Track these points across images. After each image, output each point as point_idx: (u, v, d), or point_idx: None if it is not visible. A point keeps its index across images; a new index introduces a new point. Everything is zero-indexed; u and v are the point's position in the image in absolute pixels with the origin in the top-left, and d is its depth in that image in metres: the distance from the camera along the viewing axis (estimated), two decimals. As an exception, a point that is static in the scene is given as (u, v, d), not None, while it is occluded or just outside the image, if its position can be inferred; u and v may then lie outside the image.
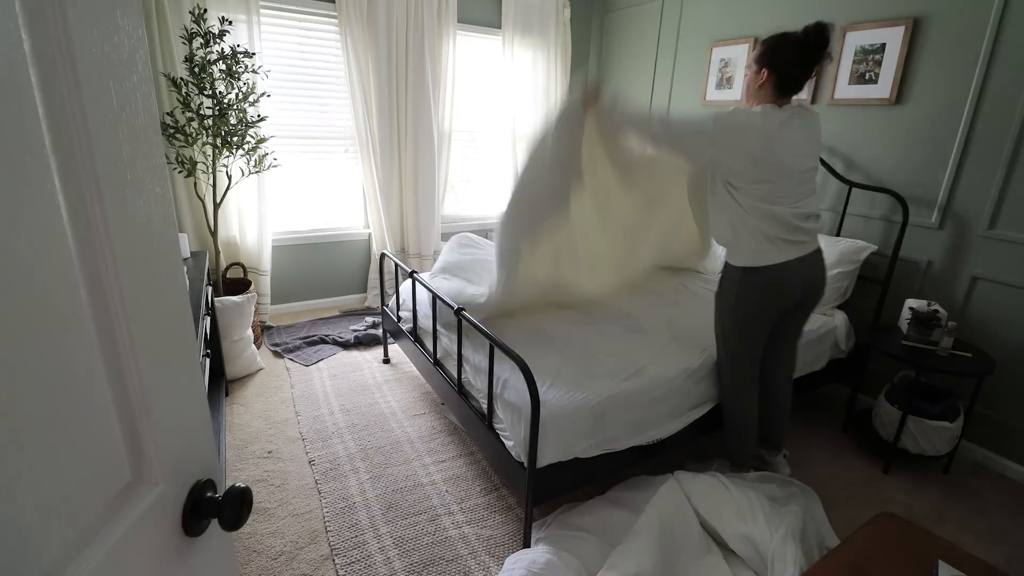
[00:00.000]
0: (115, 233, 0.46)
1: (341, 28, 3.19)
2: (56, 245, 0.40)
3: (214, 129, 2.66)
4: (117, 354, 0.48)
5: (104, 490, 0.46)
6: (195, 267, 2.33)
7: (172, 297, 0.55)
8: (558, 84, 4.11)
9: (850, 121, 2.65)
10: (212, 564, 0.65)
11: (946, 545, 1.31)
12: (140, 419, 0.50)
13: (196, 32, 2.56)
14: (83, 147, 0.43)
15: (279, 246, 3.50)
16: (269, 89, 3.09)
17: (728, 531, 1.69)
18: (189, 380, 0.59)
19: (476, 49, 3.89)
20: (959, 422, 2.16)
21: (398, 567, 1.67)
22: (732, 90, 3.21)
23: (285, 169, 3.35)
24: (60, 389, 0.41)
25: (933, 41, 2.31)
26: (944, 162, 2.33)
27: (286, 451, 2.21)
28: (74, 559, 0.42)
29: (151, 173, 0.52)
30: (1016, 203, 2.13)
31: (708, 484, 1.83)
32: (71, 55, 0.41)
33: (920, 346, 2.19)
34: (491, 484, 2.05)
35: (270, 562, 1.67)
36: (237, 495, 0.59)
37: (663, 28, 3.66)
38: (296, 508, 1.90)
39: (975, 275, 2.28)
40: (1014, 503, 2.10)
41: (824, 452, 2.36)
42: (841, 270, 2.48)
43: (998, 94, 2.14)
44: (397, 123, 3.52)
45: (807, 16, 2.78)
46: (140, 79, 0.50)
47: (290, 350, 3.10)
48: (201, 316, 2.01)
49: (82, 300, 0.43)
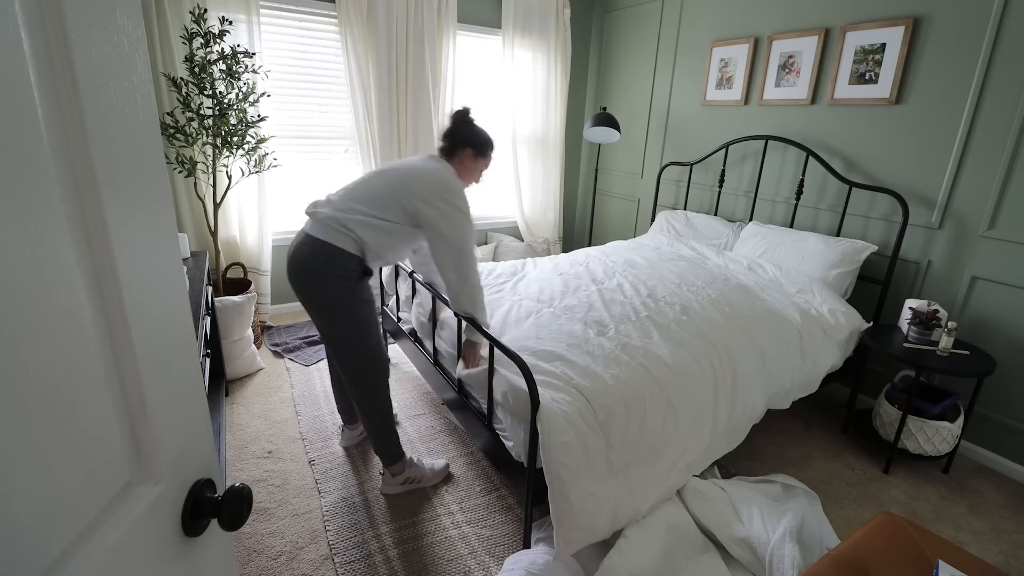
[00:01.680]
0: (114, 233, 0.46)
1: (341, 28, 3.19)
2: (55, 245, 0.40)
3: (214, 129, 2.66)
4: (116, 354, 0.48)
5: (103, 490, 0.46)
6: (195, 267, 2.33)
7: (172, 297, 0.55)
8: (558, 84, 4.12)
9: (850, 121, 2.65)
10: (212, 564, 0.64)
11: (946, 545, 1.31)
12: (139, 419, 0.50)
13: (196, 32, 2.56)
14: (82, 147, 0.43)
15: (279, 246, 3.50)
16: (269, 89, 3.09)
17: (724, 534, 1.69)
18: (189, 380, 0.59)
19: (476, 49, 3.89)
20: (959, 422, 2.16)
21: (398, 567, 1.67)
22: (732, 90, 3.21)
23: (285, 169, 3.35)
24: (59, 389, 0.41)
25: (933, 41, 2.31)
26: (944, 162, 2.33)
27: (286, 451, 2.21)
28: (73, 559, 0.42)
29: (151, 173, 0.52)
30: (1016, 203, 2.13)
31: (704, 487, 1.83)
32: (70, 55, 0.41)
33: (920, 346, 2.19)
34: (491, 484, 2.05)
35: (270, 562, 1.67)
36: (237, 495, 0.59)
37: (663, 28, 3.66)
38: (296, 508, 1.90)
39: (975, 275, 2.28)
40: (1014, 503, 2.10)
41: (824, 452, 2.36)
42: (841, 270, 2.48)
43: (998, 94, 2.14)
44: (397, 123, 3.52)
45: (807, 16, 2.78)
46: (140, 79, 0.50)
47: (290, 350, 3.10)
48: (201, 316, 2.01)
49: (82, 300, 0.43)
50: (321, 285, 1.70)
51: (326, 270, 1.68)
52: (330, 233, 1.69)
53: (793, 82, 2.86)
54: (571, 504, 1.47)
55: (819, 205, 2.82)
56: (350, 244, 1.70)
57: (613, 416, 1.60)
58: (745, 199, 3.23)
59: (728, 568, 1.62)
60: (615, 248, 3.20)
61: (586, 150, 4.61)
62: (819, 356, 2.24)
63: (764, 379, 2.05)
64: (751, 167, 3.17)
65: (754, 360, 2.03)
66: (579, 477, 1.49)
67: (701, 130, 3.48)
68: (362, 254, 1.74)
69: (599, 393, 1.64)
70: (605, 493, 1.55)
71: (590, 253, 3.07)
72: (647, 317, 2.12)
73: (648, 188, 4.00)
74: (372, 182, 1.80)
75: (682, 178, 3.67)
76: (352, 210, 1.73)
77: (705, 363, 1.89)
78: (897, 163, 2.50)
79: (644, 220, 4.07)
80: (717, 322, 2.11)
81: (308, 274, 1.70)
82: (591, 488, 1.52)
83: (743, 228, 3.06)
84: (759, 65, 3.04)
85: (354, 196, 1.77)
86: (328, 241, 1.68)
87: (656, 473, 1.69)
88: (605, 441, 1.57)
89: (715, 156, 3.36)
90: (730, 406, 1.92)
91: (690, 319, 2.11)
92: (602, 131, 3.67)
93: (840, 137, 2.71)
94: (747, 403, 1.99)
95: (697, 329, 2.04)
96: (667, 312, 2.17)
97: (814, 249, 2.58)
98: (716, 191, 3.40)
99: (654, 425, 1.68)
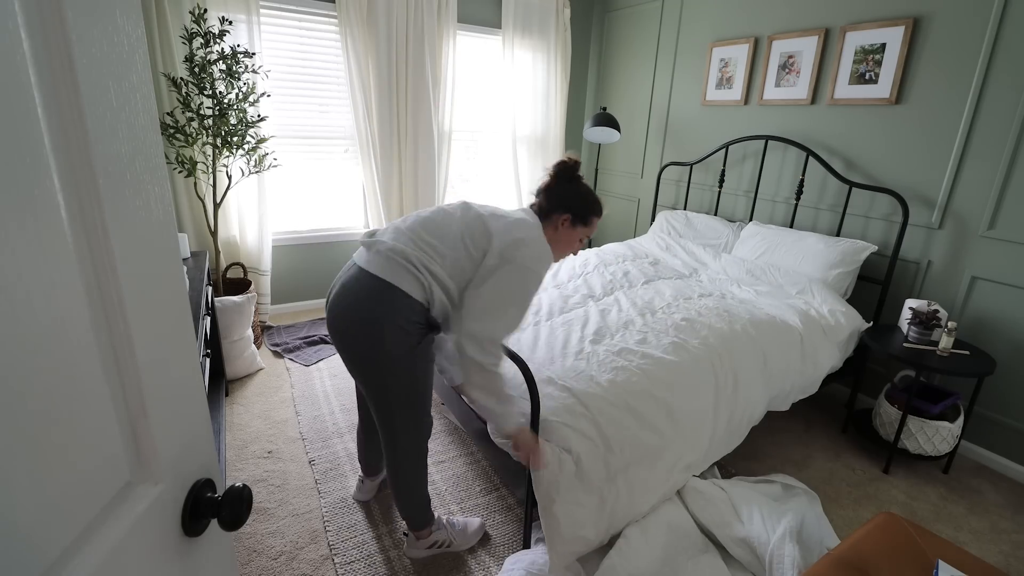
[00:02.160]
0: (114, 233, 0.46)
1: (341, 28, 3.19)
2: (55, 245, 0.40)
3: (214, 129, 2.66)
4: (116, 354, 0.48)
5: (103, 490, 0.46)
6: (195, 267, 2.33)
7: (172, 297, 0.55)
8: (558, 84, 4.12)
9: (850, 121, 2.65)
10: (212, 564, 0.64)
11: (946, 545, 1.31)
12: (139, 419, 0.50)
13: (196, 32, 2.56)
14: (82, 147, 0.43)
15: (279, 246, 3.50)
16: (269, 89, 3.09)
17: (724, 534, 1.69)
18: (189, 380, 0.59)
19: (476, 49, 3.89)
20: (959, 422, 2.16)
21: (398, 567, 1.67)
22: (732, 90, 3.21)
23: (285, 169, 3.35)
24: (59, 388, 0.41)
25: (933, 41, 2.31)
26: (944, 162, 2.33)
27: (286, 451, 2.21)
28: (73, 559, 0.42)
29: (151, 173, 0.52)
30: (1016, 203, 2.13)
31: (704, 487, 1.83)
32: (70, 55, 0.41)
33: (920, 346, 2.19)
34: (491, 484, 2.05)
35: (270, 562, 1.67)
36: (237, 495, 0.59)
37: (663, 28, 3.66)
38: (296, 508, 1.90)
39: (975, 275, 2.28)
40: (1014, 503, 2.10)
41: (824, 452, 2.36)
42: (841, 270, 2.48)
43: (998, 94, 2.14)
44: (397, 123, 3.52)
45: (807, 16, 2.78)
46: (140, 79, 0.50)
47: (290, 350, 3.10)
48: (201, 316, 2.01)
49: (81, 300, 0.43)
50: (377, 333, 1.35)
51: (386, 316, 1.34)
52: (393, 270, 1.35)
53: (793, 82, 2.86)
54: (559, 522, 1.48)
55: (819, 205, 2.82)
56: (416, 287, 1.36)
57: (612, 420, 1.60)
58: (745, 199, 3.23)
59: (728, 568, 1.62)
60: (613, 255, 3.18)
61: (586, 150, 4.61)
62: (819, 357, 2.24)
63: (765, 382, 2.05)
64: (751, 167, 3.17)
65: (755, 363, 2.03)
66: (569, 491, 1.49)
67: (701, 130, 3.48)
68: (427, 302, 1.39)
69: (597, 397, 1.63)
70: (598, 503, 1.55)
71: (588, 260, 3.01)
72: (645, 326, 2.11)
73: (648, 188, 4.00)
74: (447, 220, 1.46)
75: (682, 178, 3.67)
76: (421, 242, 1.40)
77: (706, 367, 1.89)
78: (897, 163, 2.50)
79: (644, 220, 4.07)
80: (717, 327, 2.11)
81: (360, 322, 1.35)
82: (581, 500, 1.52)
83: (743, 228, 3.06)
84: (759, 65, 3.04)
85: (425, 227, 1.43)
86: (390, 281, 1.34)
87: (655, 475, 1.69)
88: (603, 445, 1.56)
89: (715, 156, 3.36)
90: (730, 411, 1.92)
91: (690, 324, 2.11)
92: (602, 131, 3.67)
93: (840, 137, 2.71)
94: (748, 406, 1.99)
95: (697, 334, 2.04)
96: (666, 320, 2.15)
97: (814, 249, 2.58)
98: (716, 191, 3.40)
99: (654, 428, 1.68)
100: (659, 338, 2.00)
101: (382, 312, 1.34)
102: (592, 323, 2.13)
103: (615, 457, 1.58)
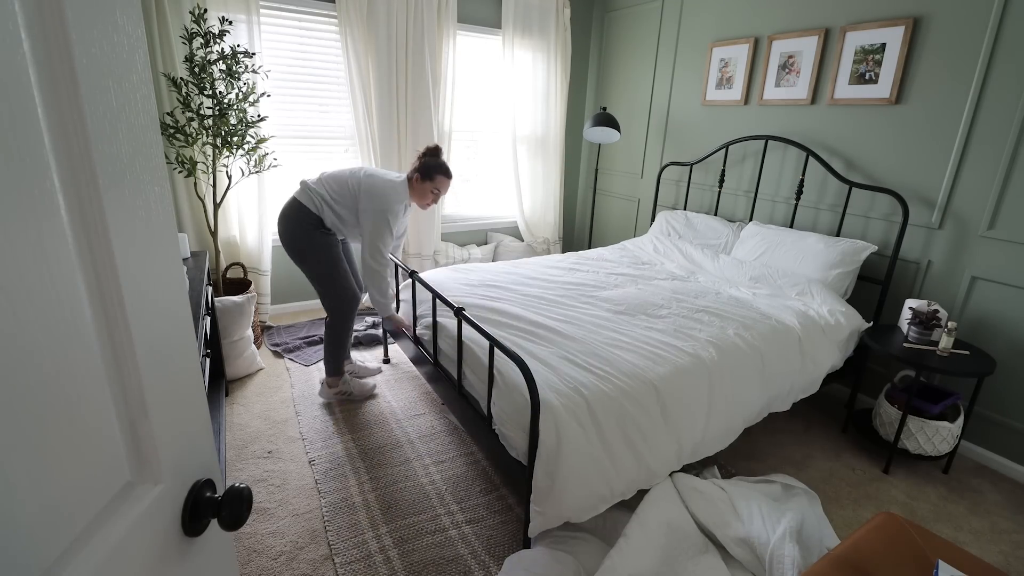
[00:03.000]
0: (114, 233, 0.46)
1: (341, 28, 3.19)
2: (55, 245, 0.40)
3: (214, 129, 2.66)
4: (116, 354, 0.48)
5: (103, 490, 0.46)
6: (195, 267, 2.33)
7: (172, 297, 0.55)
8: (558, 84, 4.12)
9: (850, 121, 2.65)
10: (212, 564, 0.65)
11: (946, 545, 1.31)
12: (139, 419, 0.50)
13: (196, 32, 2.56)
14: (82, 147, 0.43)
15: (279, 246, 3.50)
16: (269, 89, 3.09)
17: (724, 534, 1.69)
18: (189, 380, 0.59)
19: (476, 49, 3.88)
20: (959, 422, 2.16)
21: (398, 567, 1.67)
22: (732, 90, 3.21)
23: (285, 169, 3.35)
24: (59, 388, 0.41)
25: (933, 41, 2.32)
26: (944, 162, 2.33)
27: (286, 451, 2.21)
28: (73, 559, 0.42)
29: (151, 173, 0.52)
30: (1016, 203, 2.13)
31: (704, 486, 1.83)
32: (70, 55, 0.41)
33: (920, 346, 2.19)
34: (491, 484, 2.05)
35: (270, 562, 1.67)
36: (237, 495, 0.59)
37: (663, 28, 3.66)
38: (296, 508, 1.90)
39: (975, 275, 2.28)
40: (1014, 503, 2.10)
41: (824, 452, 2.36)
42: (841, 270, 2.48)
43: (998, 94, 2.14)
44: (397, 123, 3.52)
45: (807, 16, 2.78)
46: (140, 79, 0.50)
47: (290, 350, 3.10)
48: (201, 316, 2.01)
49: (82, 300, 0.43)
50: (294, 231, 2.29)
51: (297, 222, 2.29)
52: (305, 196, 2.30)
53: (793, 82, 2.86)
54: (553, 481, 1.54)
55: (819, 205, 2.82)
56: (312, 206, 2.29)
57: (606, 408, 1.64)
58: (745, 199, 3.23)
59: (728, 568, 1.62)
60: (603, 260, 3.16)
61: (586, 150, 4.61)
62: (819, 357, 2.24)
63: (762, 383, 2.05)
64: (751, 167, 3.17)
65: (752, 363, 2.03)
66: (570, 455, 1.54)
67: (701, 130, 3.48)
68: (320, 215, 2.31)
69: (595, 389, 1.67)
70: (592, 473, 1.60)
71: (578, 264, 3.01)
72: (645, 323, 2.13)
73: (648, 188, 4.00)
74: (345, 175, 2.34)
75: (682, 178, 3.67)
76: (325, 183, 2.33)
77: (701, 366, 1.89)
78: (897, 163, 2.50)
79: (644, 220, 4.07)
80: (714, 326, 2.12)
81: (286, 224, 2.29)
82: (577, 467, 1.57)
83: (743, 228, 3.06)
84: (759, 65, 3.04)
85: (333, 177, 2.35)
86: (302, 201, 2.29)
87: (643, 465, 1.73)
88: (596, 432, 1.62)
89: (715, 156, 3.36)
90: (726, 410, 1.93)
91: (686, 326, 2.12)
92: (602, 131, 3.67)
93: (840, 137, 2.71)
94: (744, 405, 1.99)
95: (692, 334, 2.05)
96: (665, 321, 2.17)
97: (814, 249, 2.58)
98: (716, 191, 3.40)
99: (647, 418, 1.72)
100: (659, 334, 2.01)
101: (296, 220, 2.29)
102: (592, 323, 2.14)
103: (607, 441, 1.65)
